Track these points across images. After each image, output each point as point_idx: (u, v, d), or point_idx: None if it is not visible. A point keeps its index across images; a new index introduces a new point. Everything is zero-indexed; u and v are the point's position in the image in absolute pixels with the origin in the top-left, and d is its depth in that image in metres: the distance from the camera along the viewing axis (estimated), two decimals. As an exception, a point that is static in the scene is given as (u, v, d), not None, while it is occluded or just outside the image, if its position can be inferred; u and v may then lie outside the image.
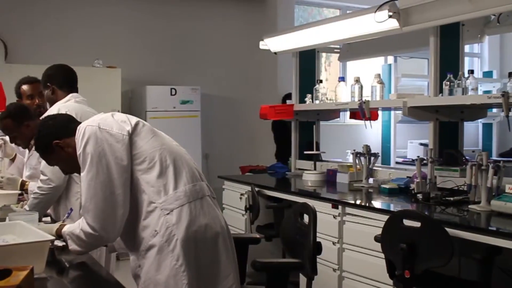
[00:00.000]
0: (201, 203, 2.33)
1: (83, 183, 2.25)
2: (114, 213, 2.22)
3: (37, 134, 2.46)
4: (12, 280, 1.70)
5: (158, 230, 2.23)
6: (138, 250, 2.29)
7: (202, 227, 2.29)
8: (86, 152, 2.23)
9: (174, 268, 2.21)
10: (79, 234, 2.29)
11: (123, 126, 2.29)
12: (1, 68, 6.04)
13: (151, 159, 2.27)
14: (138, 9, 7.33)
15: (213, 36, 7.80)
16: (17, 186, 3.58)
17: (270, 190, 5.01)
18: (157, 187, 2.25)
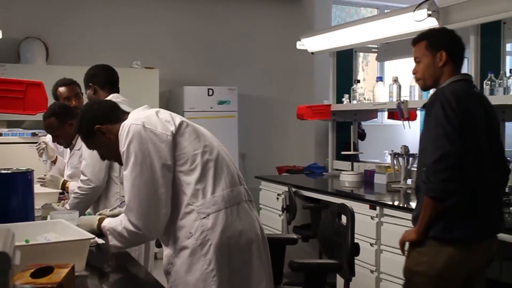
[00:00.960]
0: (238, 209, 2.32)
1: (127, 181, 2.25)
2: (157, 212, 2.22)
3: (80, 117, 2.46)
4: (54, 277, 1.73)
5: (193, 232, 2.23)
6: (172, 248, 2.29)
7: (236, 233, 2.28)
8: (130, 150, 2.23)
9: (205, 272, 2.20)
10: (121, 231, 2.28)
11: (167, 126, 2.27)
12: (42, 69, 6.15)
13: (192, 161, 2.26)
14: (175, 10, 7.39)
15: (250, 36, 7.81)
16: (58, 185, 3.64)
17: (307, 191, 4.99)
18: (196, 190, 2.24)
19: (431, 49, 2.87)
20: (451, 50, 2.86)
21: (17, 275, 1.70)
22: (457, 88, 2.75)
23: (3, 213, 2.72)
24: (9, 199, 2.76)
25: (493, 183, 2.78)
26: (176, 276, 2.26)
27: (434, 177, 2.58)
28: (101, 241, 2.65)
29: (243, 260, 2.29)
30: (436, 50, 2.86)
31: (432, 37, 2.93)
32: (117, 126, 2.36)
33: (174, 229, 2.28)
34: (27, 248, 1.91)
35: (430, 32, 2.99)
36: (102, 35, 6.95)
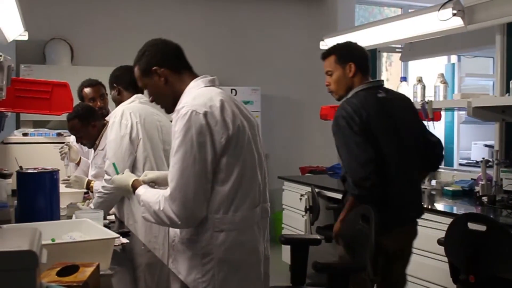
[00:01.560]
0: (252, 231, 2.28)
1: (175, 170, 2.14)
2: (199, 206, 2.16)
3: (141, 52, 2.40)
4: (80, 276, 1.75)
5: (200, 240, 2.20)
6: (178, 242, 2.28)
7: (242, 255, 2.24)
8: (186, 138, 2.12)
9: (197, 280, 2.20)
10: (158, 212, 2.18)
11: (225, 129, 2.17)
12: (67, 70, 6.22)
13: (229, 173, 2.18)
14: (198, 11, 7.42)
15: (273, 36, 7.81)
16: (83, 185, 3.68)
17: (330, 191, 4.98)
18: (221, 202, 2.18)
19: (340, 62, 3.20)
20: (358, 61, 3.20)
21: (44, 273, 1.72)
22: (355, 99, 3.08)
23: (29, 212, 2.76)
24: (36, 199, 2.80)
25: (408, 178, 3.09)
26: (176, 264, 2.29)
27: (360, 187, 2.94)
28: (125, 241, 2.67)
29: (239, 281, 2.25)
30: (345, 62, 3.19)
31: (339, 51, 3.25)
32: (175, 76, 2.32)
33: None
34: (53, 247, 1.93)
35: (337, 47, 3.30)
36: (126, 36, 7.00)
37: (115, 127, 3.32)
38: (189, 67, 2.40)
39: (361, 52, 3.27)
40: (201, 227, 2.19)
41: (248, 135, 2.26)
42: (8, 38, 3.96)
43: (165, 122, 3.54)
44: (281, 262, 5.49)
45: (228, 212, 2.19)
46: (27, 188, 2.81)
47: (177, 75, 2.34)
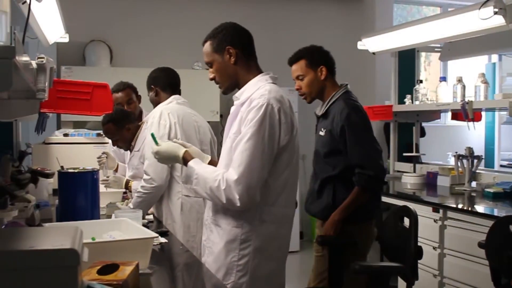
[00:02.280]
0: (288, 226, 2.42)
1: (245, 155, 2.20)
2: (258, 193, 2.23)
3: (217, 29, 2.44)
4: (119, 274, 1.77)
5: (242, 226, 2.29)
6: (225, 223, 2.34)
7: (278, 246, 2.36)
8: (261, 128, 2.20)
9: (232, 262, 2.30)
10: (216, 190, 2.24)
11: (289, 129, 2.29)
12: (106, 71, 6.31)
13: (282, 170, 2.30)
14: (236, 12, 7.44)
15: (310, 36, 7.76)
16: (122, 185, 3.72)
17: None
18: (269, 196, 2.28)
19: (311, 66, 3.33)
20: (329, 64, 3.40)
21: (85, 271, 1.74)
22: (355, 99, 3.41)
23: (70, 211, 2.80)
24: (76, 198, 2.84)
25: None
26: (209, 258, 2.38)
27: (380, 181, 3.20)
28: (164, 240, 2.69)
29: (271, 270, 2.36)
30: (316, 66, 3.34)
31: (310, 55, 3.37)
32: (243, 61, 2.39)
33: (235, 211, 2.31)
34: (93, 246, 1.95)
35: (306, 51, 3.41)
36: (164, 37, 7.07)
37: (153, 127, 3.34)
38: (256, 59, 2.47)
39: (330, 56, 3.46)
40: (246, 214, 2.28)
41: (297, 138, 2.39)
42: (50, 41, 4.03)
43: (202, 122, 3.56)
44: (318, 263, 5.47)
45: (274, 205, 2.30)
46: (68, 188, 2.87)
47: (246, 60, 2.41)
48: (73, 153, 4.51)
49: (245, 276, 2.29)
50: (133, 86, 4.16)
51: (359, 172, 3.12)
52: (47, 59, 1.83)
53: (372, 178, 3.12)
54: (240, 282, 2.29)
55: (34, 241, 1.39)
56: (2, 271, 1.24)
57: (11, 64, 1.17)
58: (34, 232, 1.54)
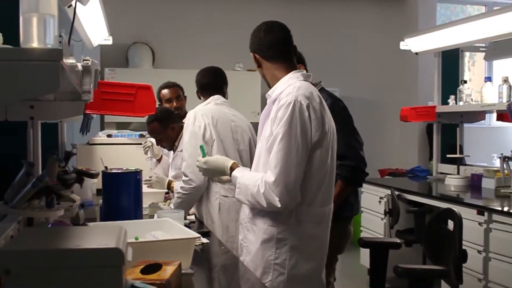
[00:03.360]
0: (325, 226, 2.39)
1: (279, 155, 2.21)
2: (298, 192, 2.23)
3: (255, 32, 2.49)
4: (162, 274, 1.79)
5: (278, 226, 2.30)
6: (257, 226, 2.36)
7: (315, 246, 2.36)
8: (292, 127, 2.21)
9: (269, 261, 2.30)
10: (257, 195, 2.25)
11: (320, 125, 2.28)
12: (149, 73, 6.39)
13: (317, 168, 2.29)
14: (276, 13, 7.41)
15: (351, 37, 7.74)
16: (164, 185, 3.76)
17: (410, 194, 4.88)
18: (306, 195, 2.28)
19: None
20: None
21: (128, 270, 1.76)
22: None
23: (114, 211, 2.84)
24: (120, 198, 2.88)
25: None
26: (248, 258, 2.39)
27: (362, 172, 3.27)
28: (205, 240, 2.71)
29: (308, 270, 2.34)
30: None
31: None
32: (269, 64, 2.43)
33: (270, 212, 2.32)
34: (137, 245, 1.97)
35: None
36: (205, 39, 7.11)
37: (189, 129, 3.37)
38: (289, 57, 2.47)
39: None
40: (282, 214, 2.28)
41: (332, 135, 2.37)
42: (94, 43, 4.11)
43: (241, 122, 3.56)
44: (359, 265, 5.43)
45: (311, 205, 2.29)
46: (112, 188, 2.91)
47: (270, 63, 2.44)
48: (116, 153, 4.58)
49: (282, 275, 2.29)
50: (181, 86, 4.22)
51: (340, 164, 3.02)
52: (92, 61, 1.86)
53: (355, 169, 3.18)
54: (277, 281, 2.29)
55: (80, 240, 1.41)
56: (49, 268, 1.26)
57: (58, 66, 1.19)
58: (80, 231, 1.57)
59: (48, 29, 1.29)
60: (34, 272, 1.26)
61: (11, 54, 1.20)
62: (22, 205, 1.95)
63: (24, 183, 2.00)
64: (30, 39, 1.27)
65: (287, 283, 2.29)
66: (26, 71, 1.18)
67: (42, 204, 2.01)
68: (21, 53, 1.21)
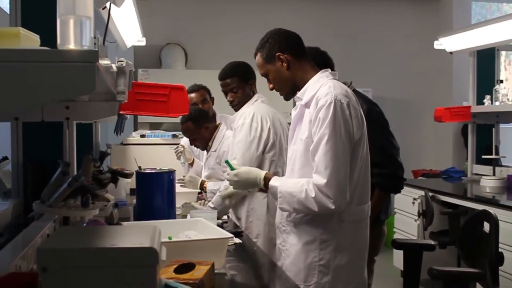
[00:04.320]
0: (365, 225, 2.39)
1: (328, 157, 2.18)
2: (347, 190, 2.20)
3: (264, 39, 2.48)
4: (196, 273, 1.80)
5: (321, 227, 2.28)
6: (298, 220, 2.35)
7: (357, 245, 2.35)
8: (336, 127, 2.18)
9: (313, 263, 2.29)
10: (306, 201, 2.21)
11: (360, 123, 2.27)
12: (181, 74, 6.43)
13: (355, 166, 2.27)
14: (308, 12, 7.42)
15: (385, 36, 7.67)
16: (197, 185, 3.77)
17: (444, 196, 4.82)
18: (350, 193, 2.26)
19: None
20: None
21: (162, 269, 1.78)
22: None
23: (148, 211, 2.87)
24: (154, 198, 2.91)
25: None
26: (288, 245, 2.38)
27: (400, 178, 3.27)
28: (238, 241, 2.71)
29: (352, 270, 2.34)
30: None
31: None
32: (296, 62, 2.39)
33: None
34: (170, 245, 1.99)
35: None
36: (237, 39, 7.13)
37: (244, 128, 3.32)
38: (309, 58, 2.45)
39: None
40: (326, 216, 2.26)
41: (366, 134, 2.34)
42: (128, 44, 4.15)
43: (283, 121, 3.54)
44: (392, 267, 5.38)
45: (351, 203, 2.25)
46: (146, 187, 2.94)
47: (298, 62, 2.40)
48: (150, 153, 4.63)
49: (327, 276, 2.28)
50: (207, 88, 4.20)
51: (378, 172, 3.00)
52: (126, 62, 1.87)
53: (392, 177, 3.19)
54: (323, 282, 2.28)
55: (115, 239, 1.43)
56: (85, 267, 1.28)
57: (94, 67, 1.20)
58: (114, 230, 1.58)
59: (84, 31, 1.31)
60: (70, 270, 1.28)
61: (49, 55, 1.22)
62: (58, 204, 1.97)
63: (60, 182, 2.03)
64: (67, 41, 1.29)
65: (332, 283, 2.28)
66: (63, 72, 1.20)
67: (78, 203, 2.04)
68: (58, 54, 1.23)
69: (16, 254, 1.75)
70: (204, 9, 7.13)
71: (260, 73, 2.51)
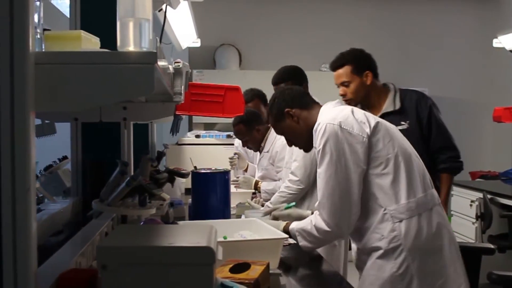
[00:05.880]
0: (430, 214, 2.28)
1: (321, 180, 2.29)
2: (348, 211, 2.25)
3: (272, 100, 2.59)
4: (251, 273, 1.80)
5: (385, 236, 2.23)
6: (362, 246, 2.33)
7: (429, 239, 2.24)
8: (326, 150, 2.26)
9: (393, 275, 2.21)
10: (311, 230, 2.35)
11: (363, 128, 2.28)
12: (235, 74, 6.47)
13: (386, 164, 2.25)
14: (363, 12, 7.35)
15: (441, 35, 7.53)
16: (251, 186, 3.79)
17: (504, 198, 4.70)
18: (389, 194, 2.23)
19: (357, 72, 3.27)
20: (373, 69, 3.32)
21: (217, 269, 1.79)
22: None
23: (203, 210, 2.90)
24: (209, 197, 2.93)
25: None
26: (366, 273, 2.31)
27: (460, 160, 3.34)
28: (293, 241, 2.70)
29: (435, 265, 2.24)
30: (362, 71, 3.27)
31: (355, 60, 3.29)
32: (305, 112, 2.47)
33: (365, 229, 2.29)
34: (225, 244, 2.00)
35: (351, 57, 3.32)
36: (291, 40, 7.13)
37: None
38: (316, 102, 2.56)
39: (373, 59, 3.37)
40: (380, 223, 2.24)
41: (389, 130, 2.34)
42: (183, 46, 4.20)
43: None
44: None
45: (400, 201, 2.23)
46: (201, 187, 2.96)
47: (306, 111, 2.49)
48: (204, 153, 4.67)
49: (413, 282, 2.19)
50: (262, 94, 4.18)
51: (450, 156, 3.26)
52: (183, 64, 1.90)
53: (458, 159, 3.33)
54: (413, 286, 2.20)
55: (172, 238, 1.45)
56: (144, 265, 1.30)
57: (153, 69, 1.22)
58: (171, 229, 1.60)
59: (143, 33, 1.33)
60: (129, 268, 1.30)
61: (109, 57, 1.25)
62: (116, 203, 2.02)
63: (119, 181, 2.07)
64: (127, 43, 1.32)
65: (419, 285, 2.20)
66: (123, 74, 1.22)
67: (135, 202, 2.07)
68: (118, 56, 1.26)
69: (76, 251, 1.80)
70: (258, 10, 7.15)
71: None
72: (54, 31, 1.46)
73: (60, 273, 1.43)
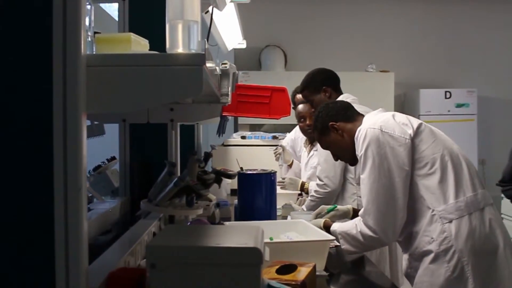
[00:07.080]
0: (482, 214, 2.21)
1: (364, 185, 2.27)
2: (394, 216, 2.22)
3: (316, 115, 2.58)
4: (298, 275, 1.80)
5: (435, 238, 2.18)
6: (412, 252, 2.28)
7: (481, 239, 2.18)
8: (367, 155, 2.25)
9: (449, 279, 2.15)
10: (356, 235, 2.32)
11: (405, 130, 2.26)
12: (281, 76, 6.47)
13: (432, 164, 2.22)
14: (410, 12, 7.26)
15: (491, 35, 7.38)
16: (297, 187, 3.77)
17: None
18: (437, 194, 2.19)
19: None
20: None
21: (264, 270, 1.79)
22: None
23: (249, 211, 2.90)
24: (255, 198, 2.94)
25: None
26: (418, 280, 2.25)
27: None
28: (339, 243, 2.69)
29: (489, 266, 2.18)
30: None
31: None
32: (350, 124, 2.45)
33: (413, 233, 2.26)
34: (272, 245, 2.00)
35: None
36: (337, 40, 7.09)
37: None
38: (360, 113, 2.54)
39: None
40: (429, 225, 2.20)
41: (433, 130, 2.32)
42: (229, 47, 4.23)
43: None
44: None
45: (448, 201, 2.19)
46: (248, 188, 2.97)
47: (351, 123, 2.47)
48: (250, 154, 4.67)
49: (468, 284, 2.13)
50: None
51: None
52: (230, 65, 1.91)
53: None
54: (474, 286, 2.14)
55: (220, 238, 1.46)
56: (192, 264, 1.31)
57: (202, 70, 1.23)
58: (218, 230, 1.61)
59: (192, 35, 1.34)
60: (177, 267, 1.31)
61: (159, 59, 1.26)
62: (164, 203, 2.04)
63: (166, 182, 2.09)
64: (176, 45, 1.33)
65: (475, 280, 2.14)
66: (172, 75, 1.24)
67: (183, 203, 2.09)
68: (167, 58, 1.27)
69: (125, 250, 1.82)
70: (304, 11, 7.14)
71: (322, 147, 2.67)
72: (104, 34, 1.49)
73: (110, 272, 1.46)
